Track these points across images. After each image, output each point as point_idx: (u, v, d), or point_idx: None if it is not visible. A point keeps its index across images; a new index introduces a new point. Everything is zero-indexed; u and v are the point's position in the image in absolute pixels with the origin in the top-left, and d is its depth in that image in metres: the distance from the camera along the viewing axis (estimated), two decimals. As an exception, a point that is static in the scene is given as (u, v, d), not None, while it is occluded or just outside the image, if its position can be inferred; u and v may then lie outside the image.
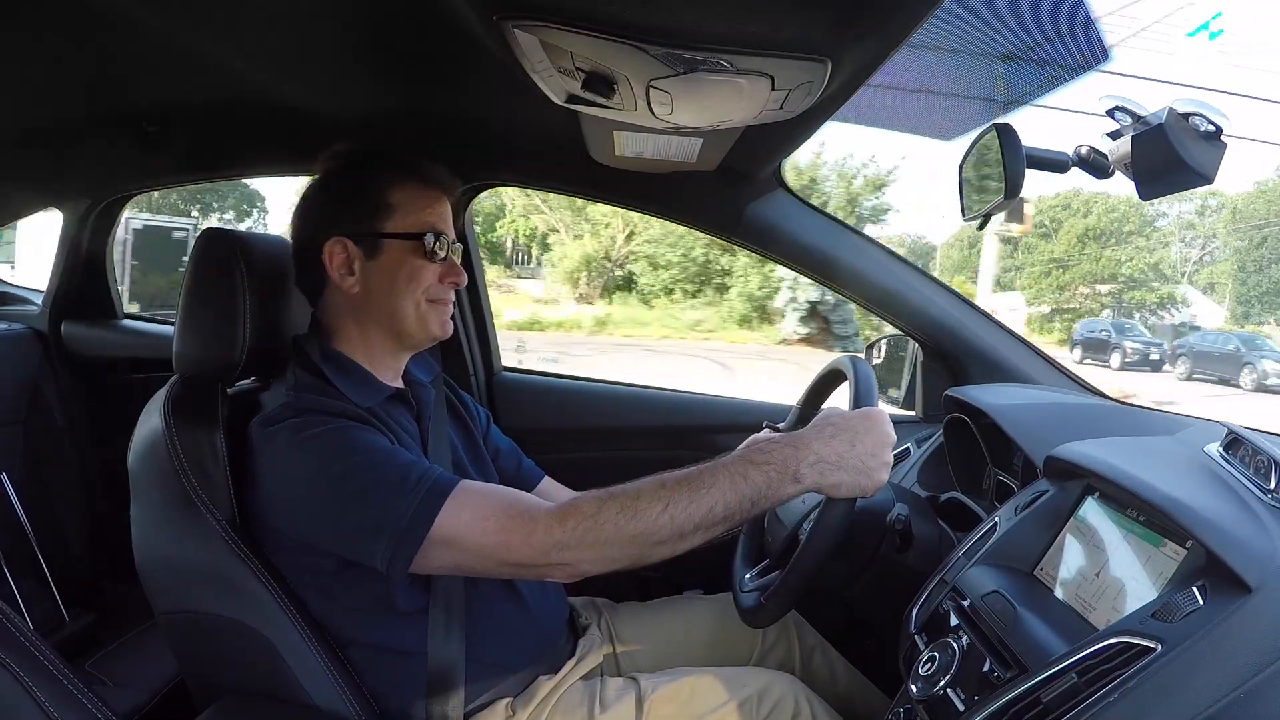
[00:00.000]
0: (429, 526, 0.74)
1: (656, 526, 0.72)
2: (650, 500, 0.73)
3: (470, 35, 0.78)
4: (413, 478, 0.76)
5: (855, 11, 0.64)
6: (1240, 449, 0.76)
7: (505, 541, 0.74)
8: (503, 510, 0.75)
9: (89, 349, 1.73)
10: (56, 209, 1.68)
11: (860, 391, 0.88)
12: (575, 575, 0.76)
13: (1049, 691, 0.62)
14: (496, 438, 1.11)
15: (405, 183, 0.90)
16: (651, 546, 0.73)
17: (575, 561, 0.74)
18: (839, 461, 0.76)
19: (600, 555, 0.74)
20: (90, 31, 0.93)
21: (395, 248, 0.88)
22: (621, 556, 0.74)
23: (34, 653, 0.65)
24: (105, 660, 1.40)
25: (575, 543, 0.73)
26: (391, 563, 0.74)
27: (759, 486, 0.74)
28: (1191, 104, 0.75)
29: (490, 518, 0.75)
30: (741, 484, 0.74)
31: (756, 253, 1.42)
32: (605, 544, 0.73)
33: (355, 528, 0.76)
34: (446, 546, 0.75)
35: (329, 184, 0.92)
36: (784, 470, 0.75)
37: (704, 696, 0.90)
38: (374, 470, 0.76)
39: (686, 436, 1.55)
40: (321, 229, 0.89)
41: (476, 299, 1.57)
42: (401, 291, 0.89)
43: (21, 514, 1.53)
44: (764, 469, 0.75)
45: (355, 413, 0.82)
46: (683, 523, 0.73)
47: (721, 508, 0.73)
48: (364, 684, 0.84)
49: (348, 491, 0.76)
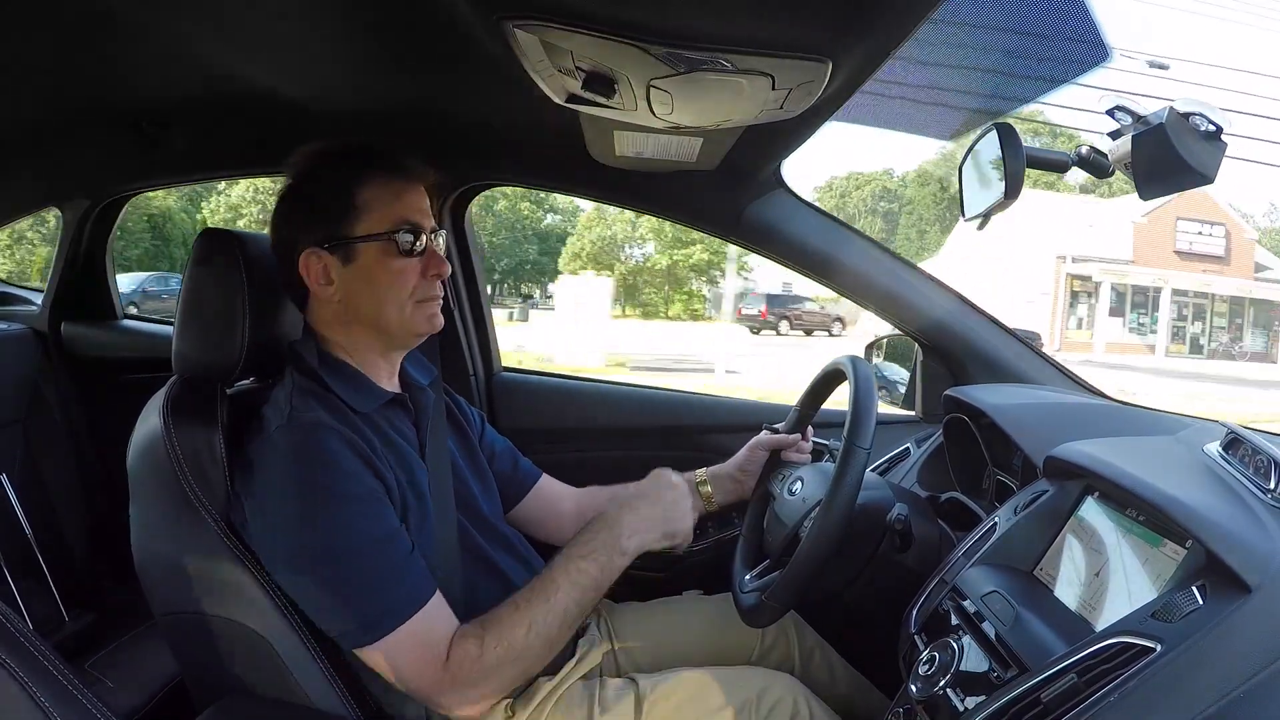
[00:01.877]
0: (375, 640, 0.78)
1: (528, 646, 0.81)
2: (513, 626, 0.81)
3: (470, 34, 0.78)
4: (386, 592, 0.78)
5: (855, 12, 0.64)
6: (1240, 449, 0.76)
7: (419, 687, 0.80)
8: (432, 657, 0.80)
9: (89, 349, 1.73)
10: (56, 209, 1.68)
11: (860, 390, 0.88)
12: (477, 711, 0.82)
13: (1049, 691, 0.62)
14: (492, 439, 1.11)
15: (372, 179, 0.87)
16: (533, 661, 0.83)
17: (475, 700, 0.81)
18: (649, 526, 0.91)
19: (500, 684, 0.82)
20: (90, 31, 0.93)
21: (370, 250, 0.86)
22: (514, 677, 0.83)
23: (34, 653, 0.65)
24: (105, 660, 1.40)
25: (469, 683, 0.80)
26: (340, 639, 0.80)
27: (594, 575, 0.85)
28: (1192, 104, 0.75)
29: (414, 657, 0.79)
30: (581, 578, 0.85)
31: (757, 253, 1.42)
32: (498, 675, 0.81)
33: (316, 599, 0.79)
34: (379, 662, 0.80)
35: (297, 191, 0.90)
36: (611, 550, 0.87)
37: (703, 696, 0.90)
38: (356, 566, 0.78)
39: (686, 436, 1.55)
40: (294, 239, 0.87)
41: (476, 299, 1.57)
42: (384, 296, 0.87)
43: (21, 514, 1.53)
44: (594, 558, 0.86)
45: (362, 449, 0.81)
46: (547, 632, 0.82)
47: (575, 606, 0.84)
48: (363, 684, 0.84)
49: (323, 572, 0.78)
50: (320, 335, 0.90)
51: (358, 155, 0.89)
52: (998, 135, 0.92)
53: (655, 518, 0.92)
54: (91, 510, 1.70)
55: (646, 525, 0.91)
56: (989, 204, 0.96)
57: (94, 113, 1.29)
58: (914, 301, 1.35)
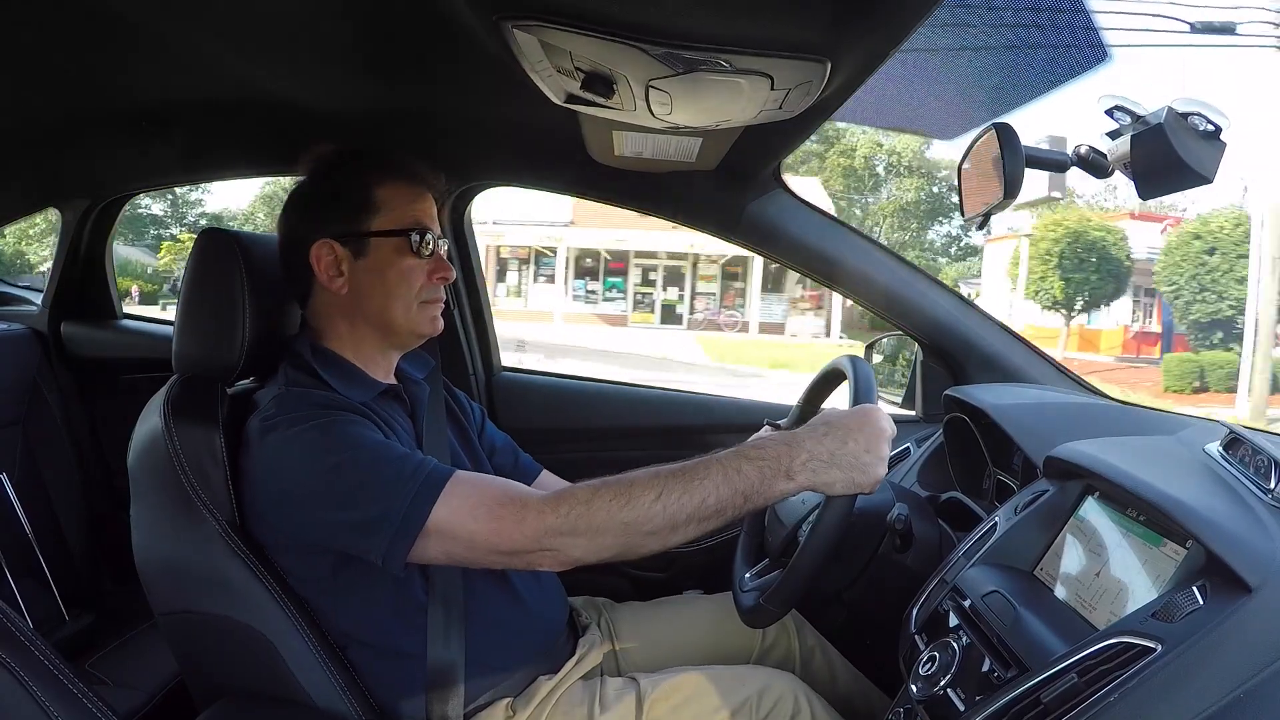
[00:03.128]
0: (424, 521, 0.75)
1: (649, 515, 0.73)
2: (644, 489, 0.74)
3: (470, 35, 0.78)
4: (406, 471, 0.76)
5: (854, 12, 0.64)
6: (1240, 449, 0.76)
7: (498, 529, 0.75)
8: (495, 498, 0.76)
9: (89, 349, 1.73)
10: (56, 209, 1.68)
11: (859, 391, 0.88)
12: (565, 563, 0.76)
13: (1049, 691, 0.62)
14: (492, 434, 1.11)
15: (390, 180, 0.90)
16: (643, 536, 0.74)
17: (566, 548, 0.75)
18: (832, 459, 0.76)
19: (591, 542, 0.74)
20: (90, 32, 0.93)
21: (383, 246, 0.88)
22: (613, 544, 0.75)
23: (34, 653, 0.65)
24: (105, 660, 1.40)
25: (567, 528, 0.74)
26: (387, 557, 0.75)
27: (752, 481, 0.75)
28: (1191, 103, 0.75)
29: (482, 506, 0.76)
30: (735, 478, 0.75)
31: (757, 252, 1.42)
32: (597, 531, 0.74)
33: (351, 523, 0.76)
34: (440, 537, 0.76)
35: (313, 185, 0.93)
36: (777, 466, 0.75)
37: (704, 695, 0.90)
38: (368, 465, 0.77)
39: (686, 436, 1.54)
40: (308, 231, 0.89)
41: (476, 299, 1.57)
42: (393, 292, 0.89)
43: (21, 514, 1.53)
44: (758, 464, 0.75)
45: (347, 404, 0.82)
46: (675, 513, 0.73)
47: (714, 500, 0.74)
48: (364, 684, 0.84)
49: (343, 487, 0.76)
50: (319, 329, 0.91)
51: (375, 157, 0.92)
52: (997, 135, 0.92)
53: (842, 456, 0.76)
54: (91, 510, 1.70)
55: (829, 459, 0.76)
56: (988, 204, 0.96)
57: (94, 113, 1.29)
58: (914, 301, 1.35)
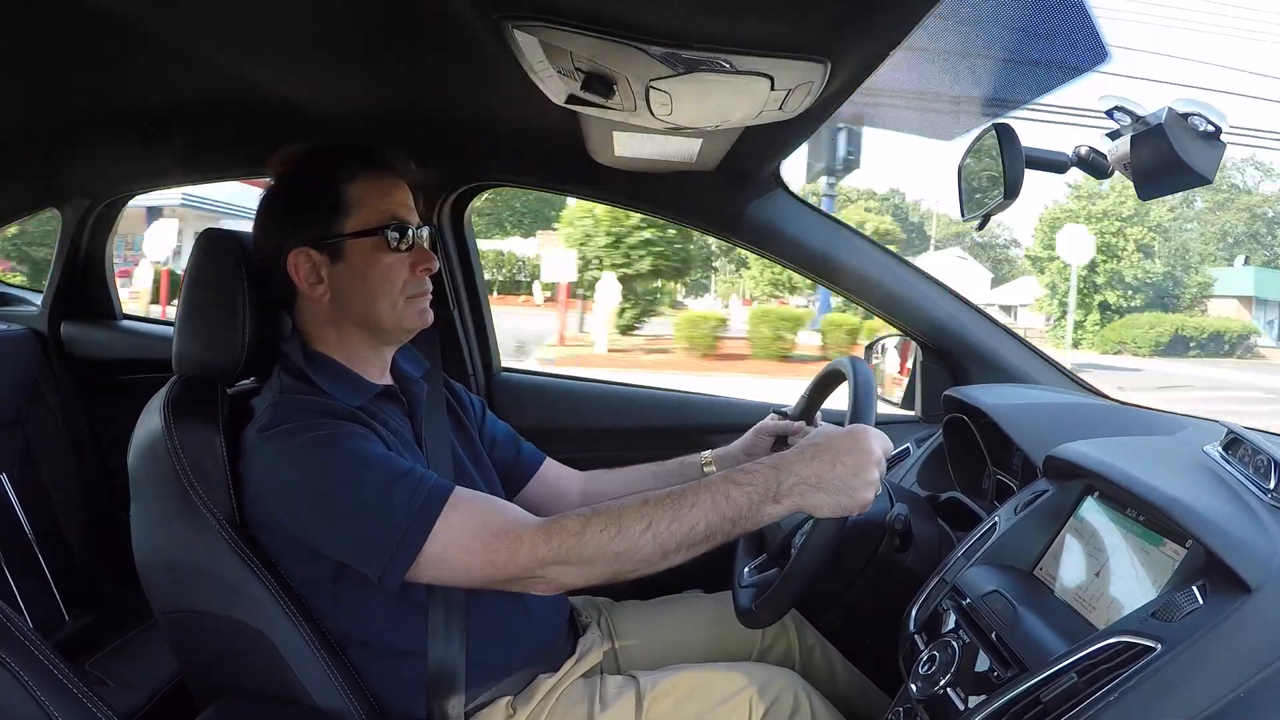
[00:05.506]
0: (419, 551, 0.75)
1: (639, 544, 0.75)
2: (634, 519, 0.75)
3: (470, 35, 0.78)
4: (404, 494, 0.76)
5: (854, 12, 0.65)
6: (1240, 449, 0.77)
7: (491, 560, 0.76)
8: (490, 529, 0.77)
9: (88, 350, 1.73)
10: (56, 209, 1.68)
11: (858, 398, 0.88)
12: (558, 589, 0.78)
13: (1049, 691, 0.62)
14: (493, 426, 1.11)
15: (360, 176, 0.87)
16: (634, 564, 0.76)
17: (559, 576, 0.76)
18: (820, 483, 0.76)
19: (583, 571, 0.76)
20: (89, 31, 0.93)
21: (360, 246, 0.86)
22: (604, 573, 0.77)
23: (34, 653, 0.65)
24: (105, 660, 1.40)
25: (560, 559, 0.75)
26: (384, 578, 0.76)
27: (740, 507, 0.76)
28: (1190, 104, 0.75)
29: (477, 538, 0.77)
30: (723, 504, 0.76)
31: (756, 253, 1.42)
32: (589, 561, 0.75)
33: (349, 542, 0.77)
34: (435, 565, 0.77)
35: (282, 191, 0.89)
36: (765, 491, 0.76)
37: (704, 693, 0.90)
38: (367, 485, 0.77)
39: (685, 436, 1.54)
40: (282, 241, 0.86)
41: (475, 298, 1.57)
42: (376, 292, 0.87)
43: (21, 514, 1.53)
44: (746, 490, 0.76)
45: (345, 411, 0.82)
46: (665, 541, 0.75)
47: (703, 527, 0.75)
48: (364, 683, 0.84)
49: (342, 508, 0.77)
50: (309, 334, 0.90)
51: (342, 153, 0.89)
52: (997, 136, 0.92)
53: (829, 479, 0.76)
54: (91, 510, 1.70)
55: (816, 483, 0.76)
56: (988, 204, 0.96)
57: (94, 113, 1.29)
58: (914, 301, 1.35)
